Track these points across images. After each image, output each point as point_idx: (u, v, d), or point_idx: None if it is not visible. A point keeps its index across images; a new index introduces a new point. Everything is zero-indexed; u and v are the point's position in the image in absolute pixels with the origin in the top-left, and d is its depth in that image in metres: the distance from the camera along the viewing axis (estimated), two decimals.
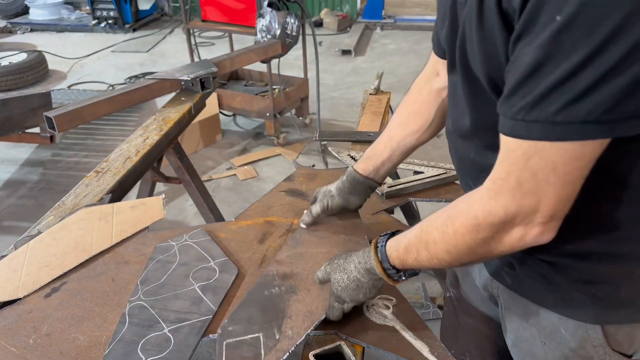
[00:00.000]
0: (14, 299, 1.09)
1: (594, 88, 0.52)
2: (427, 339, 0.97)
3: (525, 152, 0.61)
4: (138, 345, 0.97)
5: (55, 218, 1.37)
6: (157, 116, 1.98)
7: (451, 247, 0.74)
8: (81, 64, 5.90)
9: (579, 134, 0.56)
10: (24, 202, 3.27)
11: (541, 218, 0.65)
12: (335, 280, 0.94)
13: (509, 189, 0.64)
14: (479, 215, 0.68)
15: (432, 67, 1.08)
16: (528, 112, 0.58)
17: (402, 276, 0.87)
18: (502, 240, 0.69)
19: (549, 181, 0.61)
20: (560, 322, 0.87)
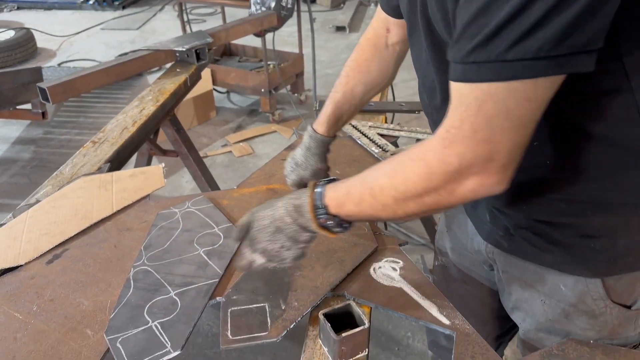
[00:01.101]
0: (15, 265, 1.07)
1: (543, 22, 0.51)
2: (435, 299, 0.97)
3: (478, 97, 0.58)
4: (144, 309, 0.96)
5: (54, 187, 1.34)
6: (152, 87, 1.95)
7: (399, 194, 0.71)
8: (70, 42, 5.80)
9: (531, 70, 0.55)
10: (17, 180, 3.23)
11: (496, 167, 0.63)
12: (257, 217, 0.84)
13: (463, 137, 0.62)
14: (433, 164, 0.66)
15: (381, 23, 1.08)
16: (478, 53, 0.56)
17: (328, 221, 0.80)
18: (454, 191, 0.66)
19: (504, 127, 0.60)
20: (559, 279, 0.87)
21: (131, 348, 0.88)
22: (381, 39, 1.08)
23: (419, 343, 2.01)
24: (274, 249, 0.84)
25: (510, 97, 0.57)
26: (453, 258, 1.16)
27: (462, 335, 0.90)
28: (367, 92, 1.10)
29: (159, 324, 0.93)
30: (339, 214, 0.79)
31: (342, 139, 1.59)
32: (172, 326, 0.92)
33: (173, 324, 0.93)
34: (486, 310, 1.15)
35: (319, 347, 0.90)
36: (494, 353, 0.87)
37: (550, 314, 0.91)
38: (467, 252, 1.10)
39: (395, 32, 1.06)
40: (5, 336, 0.92)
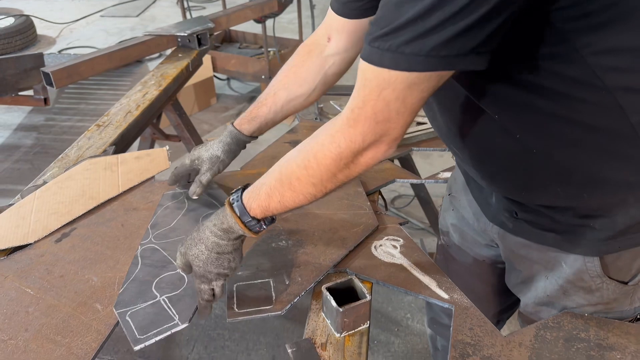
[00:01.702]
0: (25, 244, 1.10)
1: (439, 27, 0.58)
2: (435, 275, 0.99)
3: (380, 84, 0.65)
4: (152, 284, 0.99)
5: (60, 169, 1.37)
6: (155, 72, 1.96)
7: (316, 180, 0.78)
8: (70, 29, 5.78)
9: (423, 65, 0.61)
10: (20, 166, 3.25)
11: (389, 139, 0.73)
12: (194, 256, 0.88)
13: (365, 117, 0.70)
14: (342, 144, 0.73)
15: (325, 29, 1.07)
16: (383, 41, 0.62)
17: (262, 225, 0.87)
18: (359, 162, 0.76)
19: (399, 111, 0.68)
20: (561, 256, 0.90)
21: (140, 321, 0.91)
22: (317, 48, 1.07)
23: (418, 324, 2.04)
24: (224, 269, 0.89)
25: (406, 87, 0.65)
26: (454, 237, 1.18)
27: (461, 309, 0.93)
28: (289, 100, 1.10)
29: (166, 298, 0.95)
30: (266, 216, 0.86)
31: None
32: (180, 300, 0.95)
33: (181, 298, 0.95)
34: (486, 288, 1.18)
35: (322, 320, 0.93)
36: (491, 325, 0.90)
37: (549, 290, 0.94)
38: (470, 231, 1.12)
39: (336, 43, 1.05)
40: (18, 310, 0.94)
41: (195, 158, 1.15)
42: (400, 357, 1.92)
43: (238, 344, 1.98)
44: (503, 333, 1.05)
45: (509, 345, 0.86)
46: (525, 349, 0.86)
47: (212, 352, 1.96)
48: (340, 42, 1.05)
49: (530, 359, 0.84)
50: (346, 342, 0.89)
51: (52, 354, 0.86)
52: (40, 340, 0.88)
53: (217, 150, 1.13)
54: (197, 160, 1.15)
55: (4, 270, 1.04)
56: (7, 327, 0.91)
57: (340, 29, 1.03)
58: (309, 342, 0.88)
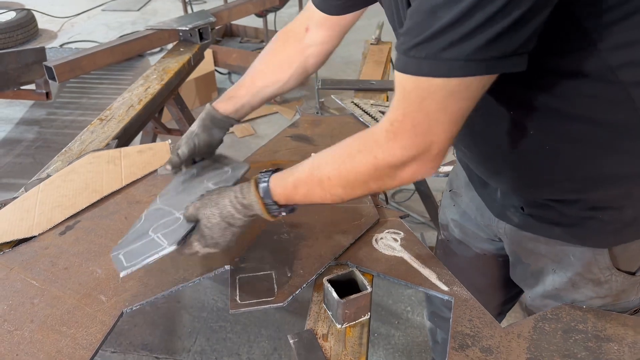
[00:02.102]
0: (29, 236, 1.11)
1: (478, 30, 0.57)
2: (435, 267, 1.00)
3: (420, 94, 0.64)
4: (150, 229, 0.96)
5: (63, 163, 1.38)
6: (157, 66, 1.97)
7: (347, 183, 0.78)
8: (71, 23, 5.78)
9: (464, 70, 0.60)
10: (22, 160, 3.26)
11: (432, 156, 0.71)
12: (205, 215, 0.89)
13: (405, 129, 0.68)
14: (379, 156, 0.72)
15: (304, 19, 1.08)
16: (419, 49, 0.61)
17: (282, 212, 0.88)
18: (396, 176, 0.74)
19: (440, 121, 0.66)
20: (569, 249, 0.90)
21: (131, 256, 0.90)
22: (294, 35, 1.08)
23: (418, 317, 2.06)
24: (225, 240, 0.90)
25: (448, 95, 0.63)
26: (455, 232, 1.19)
27: (460, 301, 0.94)
28: (266, 85, 1.11)
29: (160, 235, 0.94)
30: (287, 204, 0.87)
31: (344, 116, 1.62)
32: (171, 232, 0.93)
33: (172, 232, 0.93)
34: (487, 281, 1.19)
35: (323, 312, 0.94)
36: (490, 316, 0.91)
37: (557, 283, 0.94)
38: (471, 226, 1.13)
39: (314, 35, 1.06)
40: (23, 301, 0.96)
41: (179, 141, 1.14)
42: (401, 349, 1.94)
43: (240, 336, 2.00)
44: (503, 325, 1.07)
45: (507, 336, 0.88)
46: (524, 340, 0.87)
47: (214, 344, 1.98)
48: (319, 35, 1.06)
49: (528, 349, 0.85)
50: (347, 333, 0.90)
51: (58, 344, 0.87)
52: (46, 331, 0.90)
53: (192, 126, 1.13)
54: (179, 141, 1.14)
55: (9, 262, 1.05)
56: (13, 318, 0.92)
57: (319, 22, 1.05)
58: (310, 333, 0.90)
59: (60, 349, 0.86)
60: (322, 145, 1.45)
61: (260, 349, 1.94)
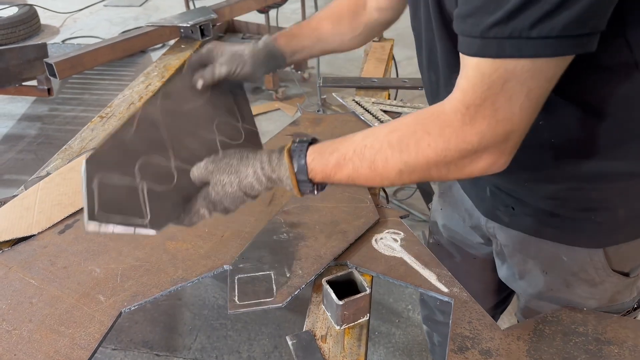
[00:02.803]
0: (29, 235, 1.11)
1: (568, 3, 0.52)
2: (435, 268, 1.00)
3: (502, 75, 0.58)
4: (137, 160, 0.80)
5: (63, 161, 1.37)
6: (157, 63, 1.96)
7: (406, 167, 0.69)
8: (74, 19, 5.77)
9: (554, 49, 0.55)
10: (24, 156, 3.27)
11: (510, 147, 0.65)
12: (220, 181, 0.78)
13: (484, 115, 0.61)
14: (452, 141, 0.64)
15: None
16: (499, 28, 0.55)
17: (314, 190, 0.77)
18: (465, 167, 0.67)
19: (523, 106, 0.61)
20: (560, 250, 0.90)
21: (106, 196, 0.73)
22: (357, 3, 1.04)
23: (418, 315, 2.06)
24: (235, 207, 0.81)
25: (532, 76, 0.58)
26: (445, 234, 1.18)
27: (460, 303, 0.93)
28: (333, 34, 1.03)
29: (146, 190, 0.78)
30: (323, 182, 0.77)
31: (345, 115, 1.62)
32: (160, 199, 0.79)
33: (161, 198, 0.79)
34: (479, 285, 1.18)
35: (322, 313, 0.94)
36: (490, 319, 0.90)
37: (551, 284, 0.94)
38: (460, 230, 1.12)
39: (373, 8, 1.03)
40: (22, 301, 0.96)
41: (217, 47, 0.96)
42: (401, 348, 1.94)
43: (240, 333, 2.00)
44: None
45: (507, 338, 0.87)
46: (524, 342, 0.86)
47: (215, 341, 1.98)
48: (379, 3, 1.02)
49: (528, 352, 0.84)
50: (346, 335, 0.90)
51: (56, 344, 0.87)
52: (44, 331, 0.90)
53: (244, 49, 0.96)
54: (218, 49, 0.96)
55: (8, 261, 1.05)
56: (11, 318, 0.92)
57: None
58: (309, 334, 0.89)
59: (58, 349, 0.86)
60: None
61: (260, 347, 1.94)
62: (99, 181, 0.73)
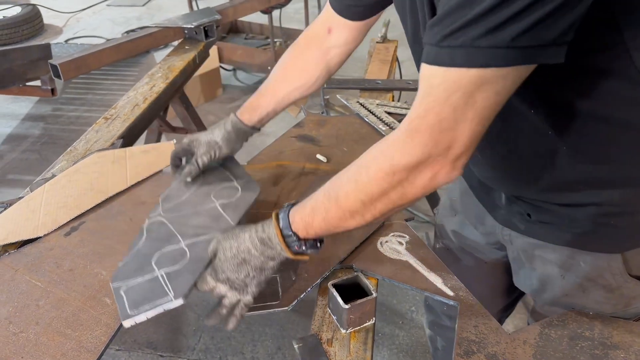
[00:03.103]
0: (35, 237, 1.11)
1: (520, 14, 0.53)
2: (440, 272, 1.00)
3: (448, 87, 0.60)
4: (153, 258, 0.94)
5: (68, 162, 1.38)
6: (162, 64, 1.97)
7: (366, 197, 0.72)
8: (77, 18, 5.78)
9: (502, 59, 0.56)
10: (27, 156, 3.28)
11: (453, 156, 0.65)
12: (222, 247, 0.86)
13: (427, 125, 0.63)
14: (396, 157, 0.67)
15: (324, 21, 1.06)
16: (453, 38, 0.57)
17: (302, 246, 0.82)
18: (415, 182, 0.68)
19: (467, 117, 0.61)
20: (579, 256, 0.89)
21: (134, 297, 0.87)
22: (318, 40, 1.07)
23: (422, 317, 2.05)
24: (238, 278, 0.85)
25: (479, 88, 0.59)
26: (455, 240, 1.18)
27: (466, 306, 0.93)
28: (289, 92, 1.09)
29: (165, 274, 0.90)
30: (308, 236, 0.81)
31: (350, 117, 1.62)
32: (178, 276, 0.89)
33: (179, 274, 0.90)
34: (487, 289, 1.17)
35: (328, 316, 0.94)
36: (496, 323, 0.90)
37: (567, 289, 0.93)
38: (471, 235, 1.12)
39: (337, 35, 1.05)
40: (28, 303, 0.96)
41: (194, 139, 1.11)
42: (405, 349, 1.94)
43: (244, 335, 2.00)
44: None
45: (513, 342, 0.87)
46: (530, 346, 0.86)
47: (219, 342, 1.98)
48: (342, 36, 1.05)
49: (534, 356, 0.84)
50: (352, 338, 0.90)
51: (63, 347, 0.87)
52: (51, 334, 0.90)
53: (216, 136, 1.10)
54: (195, 142, 1.11)
55: (14, 263, 1.05)
56: (18, 320, 0.92)
57: (342, 25, 1.03)
58: (315, 338, 0.90)
59: (65, 351, 0.87)
60: (327, 146, 1.44)
61: (264, 348, 1.94)
62: (125, 289, 0.88)
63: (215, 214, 1.05)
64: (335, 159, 1.38)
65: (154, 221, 1.04)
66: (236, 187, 1.13)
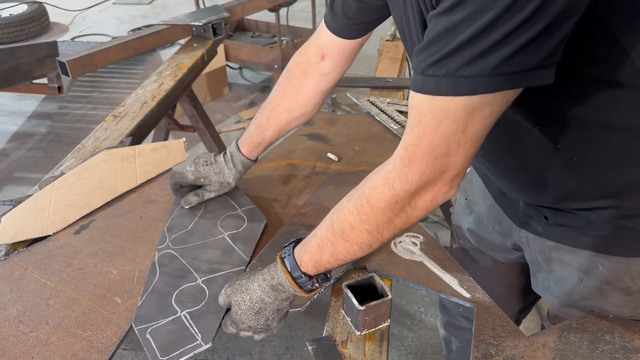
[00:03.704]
0: (44, 235, 1.10)
1: (502, 43, 0.53)
2: (456, 273, 0.98)
3: (436, 116, 0.60)
4: (172, 297, 0.95)
5: (77, 160, 1.36)
6: (170, 62, 1.95)
7: (371, 226, 0.73)
8: (82, 17, 5.78)
9: (487, 86, 0.56)
10: (34, 154, 3.27)
11: (449, 177, 0.67)
12: (235, 302, 0.86)
13: (422, 154, 0.64)
14: (396, 185, 0.68)
15: (317, 47, 1.05)
16: (437, 67, 0.57)
17: (314, 283, 0.83)
18: (417, 205, 0.70)
19: (460, 142, 0.62)
20: (597, 259, 0.87)
21: (161, 339, 0.87)
22: (312, 67, 1.06)
23: (431, 318, 2.04)
24: (258, 325, 0.87)
25: (468, 114, 0.59)
26: (472, 240, 1.16)
27: (483, 309, 0.91)
28: (291, 121, 1.10)
29: (187, 314, 0.92)
30: (318, 272, 0.82)
31: (361, 116, 1.60)
32: (202, 316, 0.91)
33: (202, 314, 0.92)
34: (504, 290, 1.16)
35: (341, 317, 0.92)
36: (514, 325, 0.88)
37: (585, 292, 0.91)
38: (488, 235, 1.10)
39: (330, 62, 1.05)
40: (38, 302, 0.95)
41: (202, 177, 1.14)
42: (414, 351, 1.92)
43: None
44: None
45: (532, 346, 0.85)
46: (549, 350, 0.84)
47: (226, 342, 1.97)
48: (335, 61, 1.05)
49: None
50: (367, 340, 0.88)
51: (73, 347, 0.86)
52: (61, 334, 0.88)
53: (228, 177, 1.14)
54: (204, 179, 1.14)
55: (23, 261, 1.04)
56: (28, 320, 0.91)
57: (333, 48, 1.03)
58: (329, 339, 0.88)
59: (75, 352, 0.85)
60: (338, 145, 1.43)
61: (272, 348, 1.93)
62: (150, 331, 0.89)
63: (227, 247, 1.06)
64: (347, 158, 1.37)
65: (164, 254, 1.05)
66: (242, 216, 1.14)
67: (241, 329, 0.87)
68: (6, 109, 3.81)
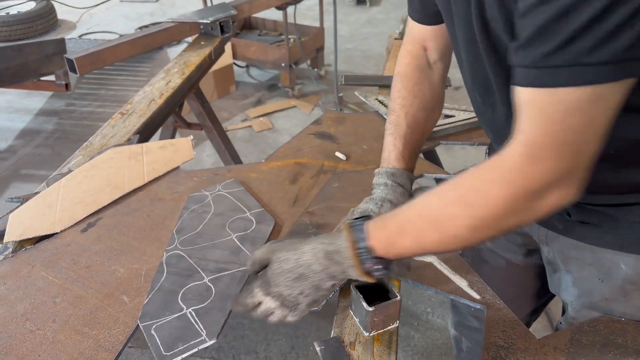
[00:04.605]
0: (51, 233, 1.10)
1: (626, 25, 0.49)
2: (465, 274, 0.97)
3: (559, 109, 0.56)
4: (178, 295, 0.95)
5: (85, 157, 1.36)
6: (177, 60, 1.95)
7: (477, 222, 0.66)
8: (90, 14, 5.80)
9: (616, 73, 0.52)
10: (41, 151, 3.28)
11: (577, 178, 0.62)
12: (277, 259, 0.78)
13: (547, 152, 0.59)
14: (518, 183, 0.62)
15: (416, 43, 1.02)
16: (555, 56, 0.53)
17: (377, 264, 0.74)
18: (535, 208, 0.64)
19: (588, 139, 0.58)
20: (619, 258, 0.85)
21: (166, 335, 0.87)
22: (422, 60, 1.02)
23: (438, 318, 2.03)
24: (291, 295, 0.79)
25: (594, 105, 0.55)
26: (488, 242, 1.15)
27: (493, 310, 0.90)
28: (428, 117, 1.02)
29: (193, 311, 0.91)
30: (387, 254, 0.74)
31: (368, 114, 1.59)
32: (207, 313, 0.91)
33: (208, 311, 0.91)
34: (517, 291, 1.15)
35: (350, 318, 0.91)
36: (524, 327, 0.87)
37: (607, 293, 0.89)
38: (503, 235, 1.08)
39: (434, 49, 1.01)
40: (45, 300, 0.94)
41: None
42: (420, 352, 1.91)
43: (257, 333, 1.98)
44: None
45: (543, 348, 0.84)
46: (561, 353, 0.83)
47: (232, 340, 1.96)
48: (439, 47, 1.01)
49: None
50: (375, 342, 0.87)
51: (80, 345, 0.86)
52: (68, 332, 0.88)
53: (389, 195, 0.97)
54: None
55: (31, 259, 1.04)
56: (35, 317, 0.91)
57: (431, 36, 1.00)
58: (337, 340, 0.87)
59: (82, 350, 0.85)
60: (346, 144, 1.42)
61: (277, 347, 1.92)
62: (155, 328, 0.88)
63: (234, 247, 1.06)
64: (355, 157, 1.36)
65: (172, 254, 1.04)
66: (250, 219, 1.14)
67: (270, 293, 0.79)
68: (14, 106, 3.82)
